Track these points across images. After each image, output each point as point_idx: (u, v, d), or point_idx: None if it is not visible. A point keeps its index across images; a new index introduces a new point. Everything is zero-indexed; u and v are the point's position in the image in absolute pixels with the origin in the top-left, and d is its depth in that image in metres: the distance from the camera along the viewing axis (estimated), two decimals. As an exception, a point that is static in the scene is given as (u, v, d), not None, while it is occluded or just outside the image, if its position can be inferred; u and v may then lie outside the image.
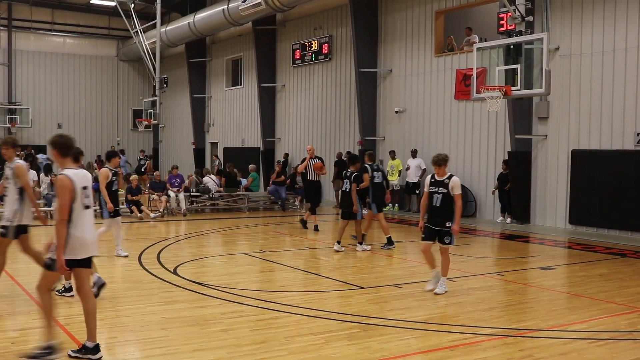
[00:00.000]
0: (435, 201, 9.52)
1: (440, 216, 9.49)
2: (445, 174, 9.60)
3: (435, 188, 9.55)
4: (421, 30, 22.11)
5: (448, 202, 9.45)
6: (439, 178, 9.58)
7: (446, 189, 9.43)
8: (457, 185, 9.48)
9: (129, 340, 7.15)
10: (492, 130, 19.64)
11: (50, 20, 39.01)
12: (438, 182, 9.55)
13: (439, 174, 9.61)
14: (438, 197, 9.49)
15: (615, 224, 16.39)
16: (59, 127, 39.52)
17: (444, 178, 9.54)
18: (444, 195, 9.46)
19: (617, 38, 16.36)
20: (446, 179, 9.51)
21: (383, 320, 8.01)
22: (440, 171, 9.58)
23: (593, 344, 7.17)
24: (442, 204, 9.47)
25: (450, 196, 9.44)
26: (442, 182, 9.50)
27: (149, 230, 17.29)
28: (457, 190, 9.44)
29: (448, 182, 9.46)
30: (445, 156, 9.70)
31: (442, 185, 9.49)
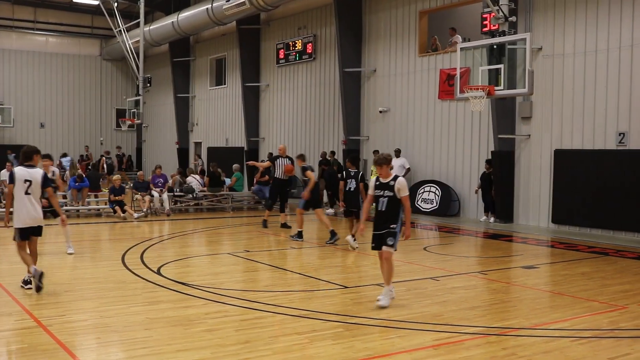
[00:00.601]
0: (380, 205, 8.80)
1: (385, 221, 8.76)
2: (389, 175, 8.85)
3: (381, 191, 8.82)
4: (405, 30, 22.17)
5: (394, 205, 8.72)
6: (383, 180, 8.83)
7: (392, 192, 8.69)
8: (404, 186, 8.73)
9: (113, 340, 7.11)
10: (476, 129, 19.73)
11: (33, 19, 38.73)
12: (383, 185, 8.81)
13: (382, 175, 8.86)
14: (384, 201, 8.75)
15: (597, 223, 16.52)
16: (42, 126, 39.29)
17: (388, 180, 8.79)
18: (390, 199, 8.72)
19: (599, 39, 16.49)
20: (391, 181, 8.75)
21: (367, 320, 8.01)
22: (383, 172, 8.84)
23: (575, 342, 7.22)
24: (388, 208, 8.74)
25: (396, 199, 8.69)
26: (387, 185, 8.77)
27: (133, 230, 17.21)
28: (404, 192, 8.69)
29: (393, 184, 8.70)
30: (387, 155, 9.06)
31: (387, 188, 8.76)
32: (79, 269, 11.47)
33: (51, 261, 12.39)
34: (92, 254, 13.71)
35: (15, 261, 11.13)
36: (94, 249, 14.49)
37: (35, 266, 9.32)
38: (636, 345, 7.25)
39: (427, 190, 20.92)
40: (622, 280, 10.97)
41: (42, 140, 38.97)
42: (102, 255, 13.57)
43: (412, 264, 12.26)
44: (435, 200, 20.55)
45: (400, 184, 8.70)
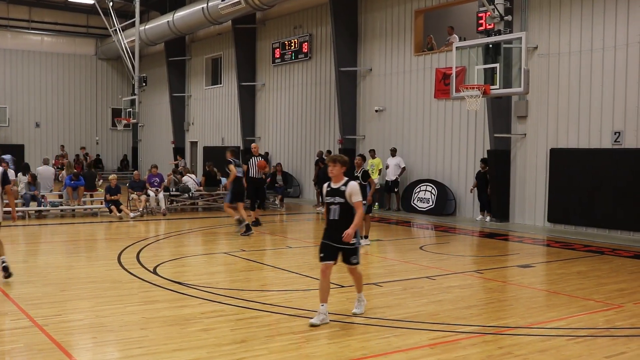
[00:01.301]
0: (332, 214, 7.89)
1: (340, 230, 7.75)
2: (341, 179, 7.91)
3: (331, 198, 7.91)
4: (401, 29, 22.18)
5: (348, 213, 7.81)
6: (334, 185, 7.92)
7: (343, 198, 7.80)
8: (356, 191, 7.80)
9: (109, 340, 7.10)
10: (472, 129, 19.74)
11: (28, 18, 38.66)
12: (334, 191, 7.90)
13: (334, 178, 7.94)
14: (335, 209, 7.85)
15: (593, 222, 16.54)
16: (37, 126, 39.21)
17: (339, 185, 7.87)
18: (342, 206, 7.83)
19: (595, 38, 16.51)
20: (342, 186, 7.84)
21: (363, 319, 8.01)
22: (335, 174, 7.91)
23: (571, 341, 7.23)
24: (342, 216, 7.82)
25: (349, 206, 7.80)
26: (338, 190, 7.85)
27: (129, 229, 17.18)
28: (357, 197, 7.78)
29: (345, 190, 7.80)
30: (340, 157, 8.02)
31: (338, 194, 7.86)
32: (74, 269, 11.45)
33: (47, 261, 12.37)
34: (88, 253, 13.70)
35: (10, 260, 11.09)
36: (89, 248, 14.47)
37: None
38: (632, 343, 7.26)
39: (423, 189, 20.93)
40: (618, 279, 10.99)
41: (37, 140, 38.95)
42: (98, 254, 13.55)
43: (408, 263, 12.27)
44: (431, 199, 20.56)
45: (352, 189, 7.80)
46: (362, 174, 14.17)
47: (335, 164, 7.91)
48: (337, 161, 7.92)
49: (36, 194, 19.20)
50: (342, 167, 7.93)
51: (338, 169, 7.91)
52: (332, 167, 7.91)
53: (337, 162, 7.91)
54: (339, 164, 7.91)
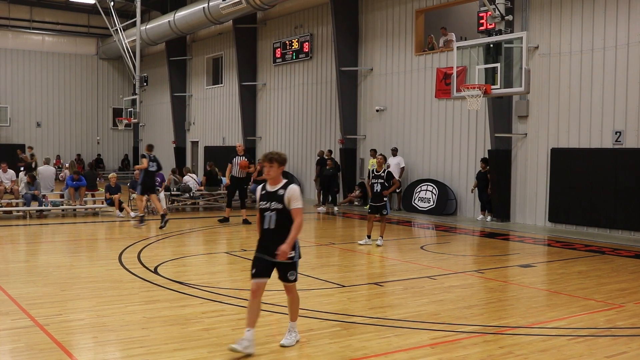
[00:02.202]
0: (267, 221, 6.79)
1: (276, 242, 6.69)
2: (279, 181, 6.82)
3: (267, 203, 6.79)
4: (401, 29, 22.18)
5: (286, 221, 6.74)
6: (271, 188, 6.83)
7: (281, 203, 6.71)
8: (296, 196, 6.74)
9: (110, 340, 7.10)
10: (473, 128, 19.74)
11: (29, 18, 38.69)
12: (270, 195, 6.80)
13: (271, 180, 6.85)
14: (271, 216, 6.75)
15: (594, 222, 16.54)
16: (38, 125, 39.25)
17: (277, 188, 6.78)
18: (279, 213, 6.73)
19: (596, 37, 16.51)
20: (280, 189, 6.76)
21: (364, 319, 8.01)
22: (271, 175, 6.81)
23: (572, 341, 7.23)
24: (278, 225, 6.73)
25: (287, 213, 6.73)
26: (275, 194, 6.75)
27: (130, 229, 17.18)
28: (297, 203, 6.72)
29: (283, 194, 6.73)
30: (278, 155, 6.86)
31: (275, 199, 6.74)
32: (75, 268, 11.45)
33: (48, 260, 12.37)
34: (89, 253, 13.71)
35: (11, 260, 11.14)
36: (90, 248, 14.48)
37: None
38: (633, 343, 7.26)
39: (424, 189, 20.93)
40: (619, 278, 10.99)
41: (38, 139, 38.97)
42: (98, 254, 13.54)
43: (409, 263, 12.27)
44: (432, 199, 20.55)
45: (292, 193, 6.71)
46: (386, 175, 14.21)
47: (271, 163, 6.79)
48: (274, 160, 6.80)
49: (37, 194, 19.21)
50: (279, 167, 6.82)
51: (275, 169, 6.80)
52: (269, 167, 6.79)
53: (274, 161, 6.79)
54: (276, 163, 6.79)
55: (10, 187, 19.58)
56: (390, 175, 14.26)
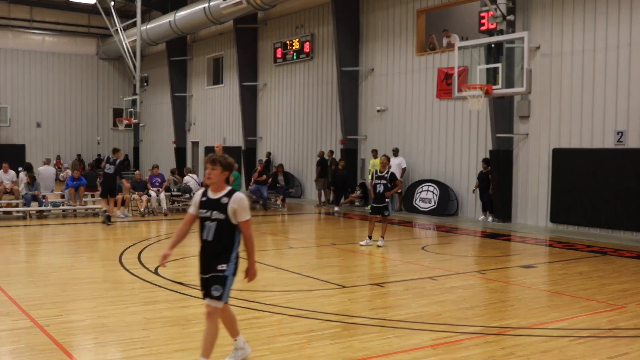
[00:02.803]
0: (206, 233, 5.96)
1: (212, 256, 5.96)
2: (222, 187, 5.91)
3: (207, 211, 5.92)
4: (402, 29, 22.15)
5: (227, 233, 5.90)
6: (213, 195, 5.92)
7: (223, 214, 5.83)
8: (243, 206, 5.84)
9: (110, 341, 7.08)
10: (474, 129, 19.71)
11: (29, 18, 38.68)
12: (211, 203, 5.91)
13: (213, 186, 5.94)
14: (211, 227, 5.90)
15: (595, 222, 16.51)
16: (38, 126, 39.23)
17: (220, 195, 5.88)
18: (220, 224, 5.87)
19: (597, 37, 16.47)
20: (224, 197, 5.86)
21: (365, 320, 8.00)
22: (214, 175, 5.88)
23: (574, 342, 7.20)
24: (217, 238, 5.90)
25: (231, 224, 5.87)
26: (218, 203, 5.86)
27: (130, 230, 17.18)
28: (244, 214, 5.86)
29: (227, 203, 5.83)
30: (223, 158, 5.93)
31: (217, 207, 5.86)
32: (76, 269, 11.43)
33: (48, 261, 12.36)
34: (89, 254, 13.69)
35: (11, 261, 11.11)
36: (91, 249, 14.46)
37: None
38: (635, 344, 7.24)
39: (425, 189, 20.90)
40: (621, 279, 10.96)
41: (38, 140, 38.97)
42: (99, 255, 13.53)
43: (410, 264, 12.25)
44: (434, 199, 20.52)
45: (238, 203, 5.82)
46: (390, 175, 14.15)
47: (214, 165, 5.85)
48: (218, 162, 5.86)
49: (37, 194, 19.20)
50: (223, 172, 5.88)
51: (218, 173, 5.86)
52: (210, 170, 5.86)
53: (217, 164, 5.85)
54: (219, 166, 5.85)
55: (10, 187, 19.56)
56: (394, 176, 14.23)
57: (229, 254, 5.92)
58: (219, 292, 5.85)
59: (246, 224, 5.90)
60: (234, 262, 5.94)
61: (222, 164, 5.84)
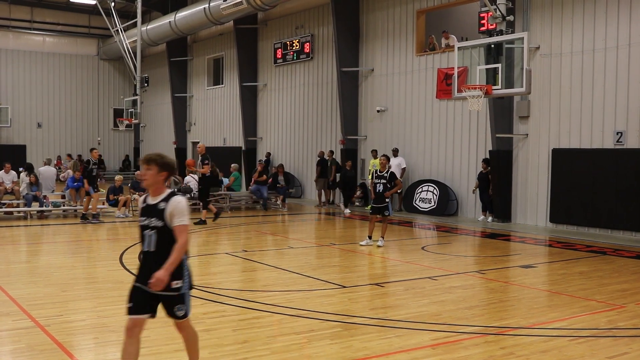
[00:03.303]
0: (147, 242, 5.34)
1: (155, 269, 5.21)
2: (161, 191, 5.31)
3: (146, 219, 5.32)
4: (402, 29, 22.17)
5: (169, 242, 5.25)
6: (151, 200, 5.33)
7: (162, 220, 5.22)
8: (180, 210, 5.22)
9: (111, 340, 7.09)
10: (474, 129, 19.72)
11: (30, 19, 38.69)
12: (150, 209, 5.31)
13: (151, 190, 5.33)
14: (151, 236, 5.29)
15: (595, 222, 16.52)
16: (39, 126, 39.24)
17: (158, 200, 5.28)
18: (160, 232, 5.25)
19: (597, 38, 16.49)
20: (161, 202, 5.25)
21: (365, 319, 8.01)
22: (150, 177, 5.26)
23: (573, 342, 7.22)
24: (160, 247, 5.26)
25: (169, 231, 5.23)
26: (156, 209, 5.25)
27: (131, 230, 17.18)
28: (180, 219, 5.21)
29: (164, 208, 5.22)
30: (160, 157, 5.31)
31: (155, 214, 5.25)
32: (76, 269, 11.45)
33: (49, 261, 12.37)
34: (90, 254, 13.70)
35: (12, 261, 11.12)
36: (91, 249, 14.47)
37: None
38: (634, 344, 7.25)
39: (425, 189, 20.92)
40: (620, 279, 10.98)
41: (39, 140, 38.99)
42: (99, 255, 13.55)
43: (410, 264, 12.26)
44: (433, 199, 20.54)
45: (175, 207, 5.21)
46: (389, 175, 14.13)
47: (149, 165, 5.23)
48: (153, 162, 5.25)
49: (38, 195, 19.22)
50: (160, 173, 5.26)
51: (153, 174, 5.25)
52: (145, 170, 5.26)
53: (152, 163, 5.24)
54: (154, 166, 5.24)
55: (10, 187, 19.57)
56: (393, 176, 14.22)
57: (180, 267, 5.28)
58: (182, 311, 5.40)
59: (181, 229, 5.18)
60: (187, 275, 5.40)
61: (158, 164, 5.22)
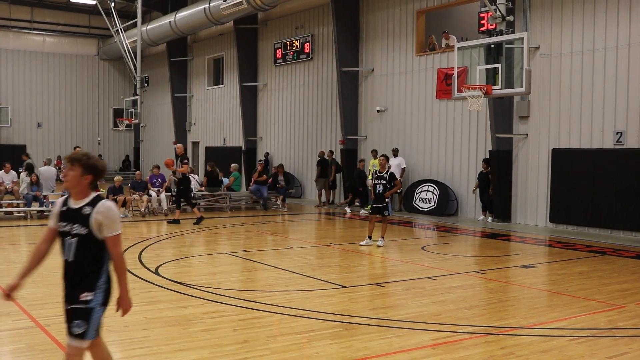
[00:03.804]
0: (67, 251, 4.72)
1: (73, 281, 4.72)
2: (85, 194, 4.71)
3: (66, 224, 4.70)
4: (402, 29, 22.17)
5: (92, 252, 4.69)
6: (73, 204, 4.71)
7: (86, 227, 4.63)
8: (111, 217, 4.65)
9: (111, 340, 7.08)
10: (474, 129, 19.73)
11: (30, 19, 38.69)
12: (72, 214, 4.70)
13: (74, 193, 4.73)
14: (71, 244, 4.68)
15: (595, 222, 16.53)
16: (39, 126, 39.25)
17: (82, 204, 4.68)
18: (81, 240, 4.65)
19: (597, 38, 16.50)
20: (86, 207, 4.65)
21: (365, 319, 8.01)
22: (70, 178, 4.66)
23: (573, 342, 7.22)
24: (79, 258, 4.67)
25: (95, 240, 4.67)
26: (79, 213, 4.65)
27: (131, 230, 17.18)
28: (112, 229, 4.66)
29: (89, 213, 4.62)
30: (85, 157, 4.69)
31: (78, 219, 4.64)
32: (76, 269, 11.43)
33: (49, 261, 12.35)
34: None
35: (13, 261, 11.12)
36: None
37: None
38: (634, 344, 7.25)
39: (425, 189, 20.92)
40: (620, 279, 10.98)
41: (39, 140, 38.99)
42: (99, 255, 13.53)
43: (410, 264, 12.26)
44: (433, 199, 20.54)
45: (104, 213, 4.63)
46: (389, 176, 14.12)
47: (73, 165, 4.66)
48: (77, 162, 4.66)
49: (38, 195, 19.22)
50: (85, 175, 4.67)
51: (76, 175, 4.65)
52: (68, 170, 4.67)
53: (76, 164, 4.66)
54: (78, 166, 4.65)
55: (10, 187, 19.58)
56: (393, 176, 14.22)
57: (95, 279, 4.68)
58: (81, 328, 4.63)
59: (114, 240, 4.66)
60: (102, 288, 4.73)
61: (83, 165, 4.63)
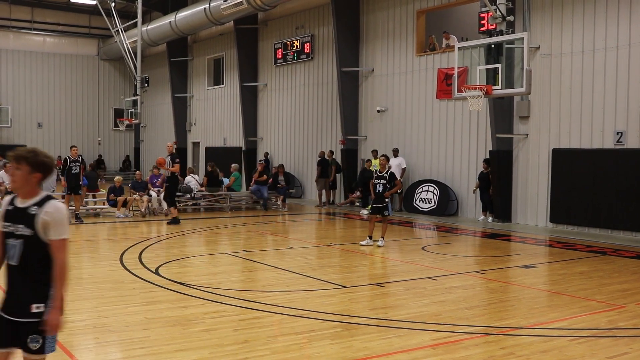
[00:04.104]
0: (11, 254, 4.28)
1: (22, 292, 4.26)
2: (33, 193, 4.34)
3: (12, 225, 4.30)
4: (403, 29, 22.17)
5: (37, 256, 4.26)
6: (20, 203, 4.35)
7: (31, 229, 4.23)
8: (59, 219, 4.25)
9: (111, 340, 7.10)
10: (474, 129, 19.73)
11: (30, 19, 38.69)
12: (17, 213, 4.32)
13: (21, 192, 4.36)
14: (15, 246, 4.26)
15: (595, 223, 16.52)
16: (39, 126, 39.26)
17: (29, 203, 4.31)
18: (27, 243, 4.24)
19: (597, 38, 16.50)
20: (33, 206, 4.28)
21: (365, 320, 8.01)
22: (17, 178, 4.32)
23: (574, 342, 7.22)
24: (24, 262, 4.25)
25: (42, 243, 4.24)
26: (26, 214, 4.27)
27: (131, 230, 17.19)
28: (59, 231, 4.24)
29: (35, 214, 4.25)
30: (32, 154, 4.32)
31: (24, 220, 4.26)
32: (77, 269, 11.44)
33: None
34: (90, 254, 13.70)
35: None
36: (92, 249, 14.48)
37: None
38: (634, 344, 7.25)
39: (425, 189, 20.92)
40: (620, 279, 10.98)
41: (39, 140, 38.97)
42: (100, 255, 13.56)
43: (410, 264, 12.26)
44: (434, 199, 20.54)
45: (52, 214, 4.24)
46: (389, 176, 14.13)
47: (19, 163, 4.30)
48: (24, 160, 4.30)
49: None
50: (33, 173, 4.32)
51: (24, 175, 4.30)
52: (14, 169, 4.31)
53: (22, 162, 4.29)
54: (25, 165, 4.30)
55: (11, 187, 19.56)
56: (393, 176, 14.22)
57: (46, 287, 4.26)
58: (38, 343, 4.22)
59: (59, 244, 4.22)
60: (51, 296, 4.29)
61: (30, 163, 4.27)
